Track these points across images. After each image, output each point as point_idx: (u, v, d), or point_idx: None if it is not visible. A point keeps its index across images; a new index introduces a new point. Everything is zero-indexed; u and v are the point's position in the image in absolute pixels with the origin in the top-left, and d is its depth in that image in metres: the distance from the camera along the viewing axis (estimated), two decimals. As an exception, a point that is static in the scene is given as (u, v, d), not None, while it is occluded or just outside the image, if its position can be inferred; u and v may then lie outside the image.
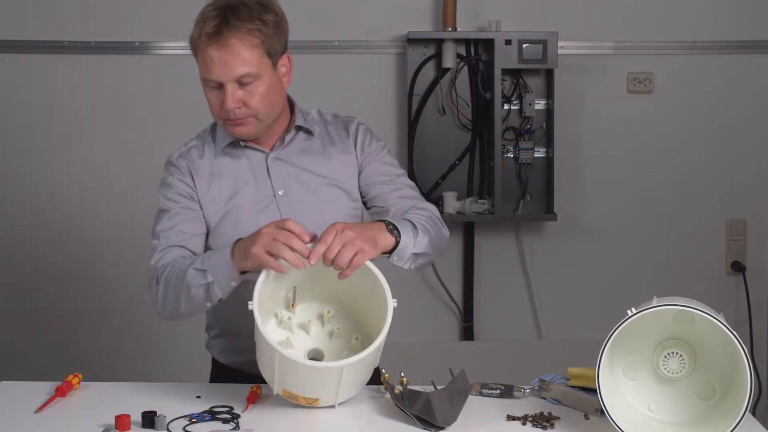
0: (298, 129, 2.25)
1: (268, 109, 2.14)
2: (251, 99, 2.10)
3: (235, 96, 2.09)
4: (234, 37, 2.06)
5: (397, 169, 2.29)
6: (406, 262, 2.07)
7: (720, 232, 3.79)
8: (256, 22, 2.07)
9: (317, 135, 2.27)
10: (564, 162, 3.69)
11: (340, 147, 2.26)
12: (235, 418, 1.91)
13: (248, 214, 2.19)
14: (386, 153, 2.30)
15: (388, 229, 2.02)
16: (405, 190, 2.25)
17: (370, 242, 1.94)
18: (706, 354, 1.85)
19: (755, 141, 3.77)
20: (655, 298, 1.82)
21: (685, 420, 1.85)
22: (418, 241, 2.07)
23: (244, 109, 2.11)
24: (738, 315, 3.74)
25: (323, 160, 2.24)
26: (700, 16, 3.72)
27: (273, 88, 2.13)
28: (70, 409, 2.01)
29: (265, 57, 2.10)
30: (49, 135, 3.71)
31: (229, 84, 2.08)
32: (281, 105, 2.20)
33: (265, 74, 2.10)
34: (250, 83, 2.09)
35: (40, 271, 3.75)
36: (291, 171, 2.23)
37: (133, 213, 3.72)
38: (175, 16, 3.67)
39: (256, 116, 2.13)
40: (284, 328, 2.03)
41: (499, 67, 3.55)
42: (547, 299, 3.80)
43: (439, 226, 2.18)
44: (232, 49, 2.06)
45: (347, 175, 2.25)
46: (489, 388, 2.06)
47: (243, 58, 2.06)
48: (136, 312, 3.75)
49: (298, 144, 2.25)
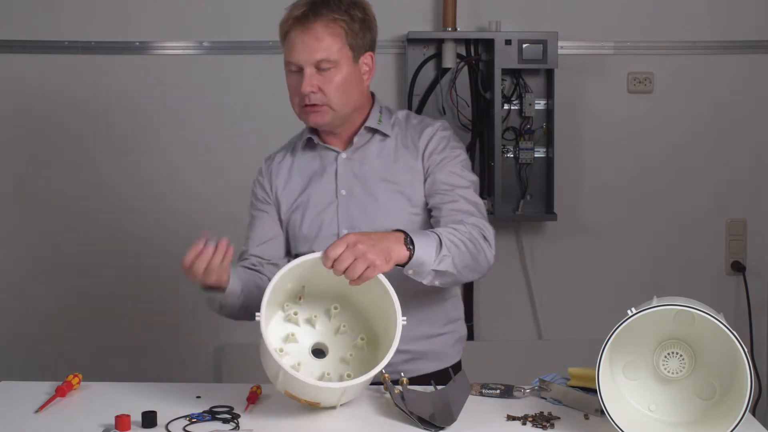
0: (368, 130, 2.27)
1: (344, 100, 2.18)
2: (327, 86, 2.15)
3: (312, 80, 2.14)
4: (318, 22, 2.14)
5: (462, 180, 2.22)
6: (426, 277, 2.02)
7: (720, 232, 3.79)
8: (343, 14, 2.15)
9: (393, 137, 2.27)
10: (564, 162, 3.69)
11: (411, 152, 2.26)
12: (235, 418, 1.91)
13: (311, 211, 2.26)
14: (457, 162, 2.24)
15: (405, 242, 1.97)
16: (460, 203, 2.18)
17: (383, 256, 1.90)
18: (706, 354, 1.85)
19: (755, 141, 3.77)
20: (655, 298, 1.82)
21: (685, 420, 1.85)
22: (440, 257, 2.00)
23: (319, 95, 2.15)
24: (738, 315, 3.74)
25: (392, 164, 2.25)
26: (700, 16, 3.72)
27: (351, 80, 2.18)
28: (70, 409, 2.01)
29: (346, 48, 2.16)
30: (48, 135, 3.71)
31: (308, 68, 2.14)
32: (358, 100, 2.23)
33: (344, 64, 2.16)
34: (328, 70, 2.14)
35: (39, 271, 3.75)
36: (357, 172, 2.25)
37: (131, 213, 3.73)
38: (175, 16, 3.68)
39: (330, 105, 2.17)
40: (290, 321, 2.03)
41: (499, 67, 3.55)
42: (547, 299, 3.80)
43: (478, 246, 2.09)
44: (315, 33, 2.13)
45: (411, 182, 2.24)
46: (489, 388, 2.06)
47: (324, 43, 2.13)
48: (136, 312, 3.76)
49: (372, 146, 2.27)
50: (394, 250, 1.94)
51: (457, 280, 2.09)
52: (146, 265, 3.74)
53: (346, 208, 2.24)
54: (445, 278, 2.05)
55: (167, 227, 3.72)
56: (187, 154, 3.71)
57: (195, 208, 3.71)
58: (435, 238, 2.01)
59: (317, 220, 2.26)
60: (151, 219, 3.72)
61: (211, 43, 3.68)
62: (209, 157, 3.71)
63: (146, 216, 3.73)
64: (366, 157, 2.26)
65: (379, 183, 2.24)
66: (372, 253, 1.88)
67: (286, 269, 1.91)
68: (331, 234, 2.24)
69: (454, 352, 2.36)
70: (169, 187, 3.71)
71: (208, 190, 3.70)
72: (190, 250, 2.01)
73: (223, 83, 3.69)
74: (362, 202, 2.23)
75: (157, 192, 3.71)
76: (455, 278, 2.07)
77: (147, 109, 3.70)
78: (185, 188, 3.71)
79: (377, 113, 2.28)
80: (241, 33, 3.66)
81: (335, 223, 2.25)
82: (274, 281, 1.90)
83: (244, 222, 2.37)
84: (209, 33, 3.68)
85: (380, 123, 2.27)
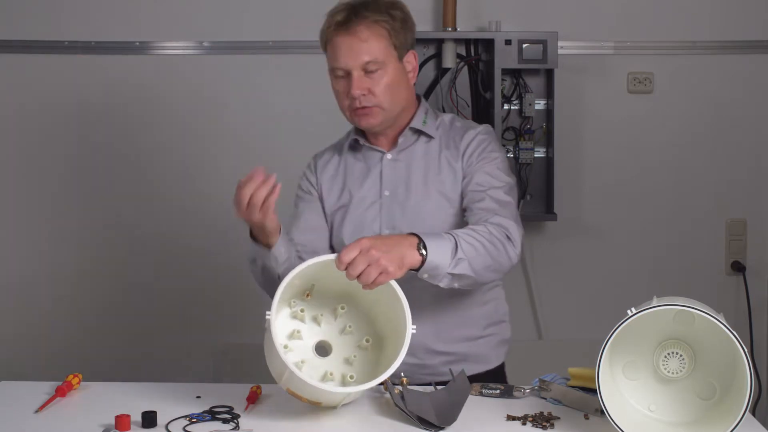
0: (413, 131, 2.28)
1: (393, 100, 2.20)
2: (377, 87, 2.17)
3: (361, 83, 2.16)
4: (362, 25, 2.15)
5: (495, 181, 2.21)
6: (442, 280, 2.01)
7: (720, 232, 3.79)
8: (384, 15, 2.17)
9: (438, 139, 2.28)
10: (564, 162, 3.69)
11: (453, 154, 2.26)
12: (235, 418, 1.91)
13: (355, 210, 2.28)
14: (493, 163, 2.23)
15: (419, 247, 1.96)
16: (487, 201, 2.17)
17: (396, 262, 1.90)
18: (706, 354, 1.85)
19: (755, 141, 3.77)
20: (655, 298, 1.82)
21: (685, 420, 1.85)
22: (456, 260, 1.99)
23: (369, 96, 2.17)
24: (738, 315, 3.74)
25: (435, 166, 2.26)
26: (700, 16, 3.72)
27: (398, 80, 2.20)
28: (70, 409, 2.01)
29: (391, 48, 2.18)
30: (48, 135, 3.71)
31: (356, 71, 2.15)
32: (405, 99, 2.25)
33: (390, 65, 2.18)
34: (375, 71, 2.16)
35: (39, 271, 3.75)
36: (401, 173, 2.27)
37: (131, 213, 3.73)
38: (175, 16, 3.68)
39: (380, 106, 2.18)
40: (296, 318, 2.02)
41: (499, 67, 3.55)
42: (547, 299, 3.80)
43: (501, 247, 2.07)
44: (360, 35, 2.15)
45: (452, 183, 2.24)
46: (489, 388, 2.06)
47: (370, 45, 2.15)
48: (136, 312, 3.76)
49: (417, 147, 2.28)
50: (408, 256, 1.93)
51: (476, 281, 2.06)
52: (146, 265, 3.74)
53: (389, 208, 2.26)
54: (463, 281, 2.03)
55: (167, 227, 3.72)
56: (187, 154, 3.71)
57: (195, 207, 3.71)
58: (451, 240, 2.00)
59: (360, 219, 2.27)
60: (151, 218, 3.72)
61: (211, 43, 3.68)
62: (209, 157, 3.71)
63: (146, 215, 3.73)
64: (411, 158, 2.28)
65: (422, 184, 2.25)
66: (385, 259, 1.87)
67: (299, 269, 1.91)
68: (372, 234, 2.24)
69: (497, 354, 2.35)
70: (169, 186, 3.71)
71: (208, 190, 3.70)
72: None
73: (223, 83, 3.69)
74: (404, 203, 2.25)
75: (157, 192, 3.71)
76: (474, 280, 2.05)
77: (147, 109, 3.70)
78: (185, 188, 3.71)
79: (422, 114, 2.29)
80: (241, 33, 3.66)
81: (377, 223, 2.26)
82: (287, 280, 1.90)
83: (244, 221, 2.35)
84: (209, 33, 3.68)
85: (425, 124, 2.28)
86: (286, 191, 2.07)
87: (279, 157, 3.69)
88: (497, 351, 2.35)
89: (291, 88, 3.63)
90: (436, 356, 2.15)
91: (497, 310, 2.37)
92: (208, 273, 3.73)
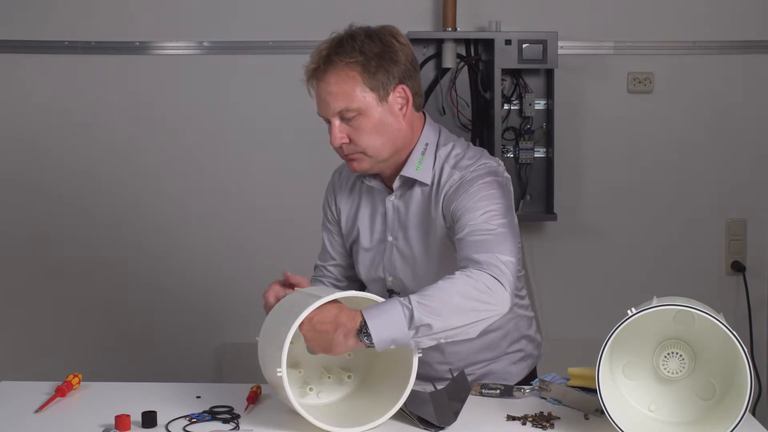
0: (404, 179, 2.12)
1: (377, 145, 2.04)
2: (357, 135, 2.03)
3: (340, 131, 2.03)
4: (329, 72, 2.01)
5: (474, 214, 1.99)
6: (417, 346, 1.85)
7: (720, 232, 3.79)
8: (356, 55, 2.00)
9: (436, 181, 2.09)
10: (564, 162, 3.69)
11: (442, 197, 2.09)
12: (235, 418, 1.91)
13: (363, 251, 2.22)
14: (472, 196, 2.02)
15: (359, 334, 1.80)
16: (465, 243, 1.95)
17: (323, 348, 1.83)
18: (706, 354, 1.85)
19: (755, 141, 3.77)
20: (655, 298, 1.82)
21: (685, 420, 1.85)
22: (416, 327, 1.80)
23: (351, 145, 2.04)
24: (738, 315, 3.74)
25: (430, 211, 2.10)
26: (700, 16, 3.72)
27: (381, 122, 2.03)
28: (70, 409, 2.01)
29: (366, 91, 2.01)
30: (48, 135, 3.71)
31: (334, 119, 2.03)
32: (399, 139, 2.07)
33: (370, 109, 2.01)
34: (353, 118, 2.01)
35: (38, 271, 3.75)
36: (403, 218, 2.14)
37: (131, 213, 3.72)
38: (175, 16, 3.68)
39: (365, 152, 2.04)
40: None
41: (499, 67, 3.55)
42: (547, 299, 3.79)
43: (478, 296, 1.85)
44: (327, 87, 2.01)
45: (444, 227, 2.09)
46: (489, 388, 2.06)
47: (338, 93, 2.00)
48: (136, 312, 3.76)
49: (415, 191, 2.12)
50: (337, 344, 1.81)
51: (462, 332, 1.86)
52: (146, 265, 3.74)
53: (390, 255, 2.17)
54: (448, 334, 1.85)
55: (167, 227, 3.72)
56: (187, 154, 3.71)
57: (195, 207, 3.71)
58: (404, 310, 1.81)
59: (369, 260, 2.21)
60: (151, 218, 3.72)
61: (211, 43, 3.68)
62: (209, 157, 3.71)
63: (146, 215, 3.73)
64: (409, 203, 2.13)
65: (421, 233, 2.12)
66: (313, 345, 1.85)
67: (294, 329, 1.83)
68: (378, 278, 2.20)
69: (518, 370, 2.24)
70: (169, 186, 3.71)
71: (208, 190, 3.70)
72: (268, 290, 2.06)
73: (223, 83, 3.69)
74: (403, 251, 2.15)
75: (157, 192, 3.71)
76: (458, 331, 1.85)
77: (147, 109, 3.70)
78: (185, 188, 3.71)
79: (419, 154, 2.10)
80: (241, 33, 3.66)
81: (381, 268, 2.19)
82: (287, 342, 1.81)
83: (244, 220, 2.35)
84: (209, 33, 3.67)
85: (418, 170, 2.09)
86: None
87: (279, 157, 3.71)
88: (519, 366, 2.25)
89: (291, 88, 3.61)
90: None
91: (518, 326, 2.25)
92: (208, 273, 3.73)
